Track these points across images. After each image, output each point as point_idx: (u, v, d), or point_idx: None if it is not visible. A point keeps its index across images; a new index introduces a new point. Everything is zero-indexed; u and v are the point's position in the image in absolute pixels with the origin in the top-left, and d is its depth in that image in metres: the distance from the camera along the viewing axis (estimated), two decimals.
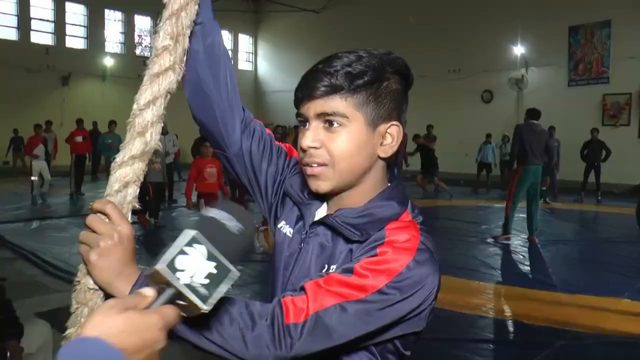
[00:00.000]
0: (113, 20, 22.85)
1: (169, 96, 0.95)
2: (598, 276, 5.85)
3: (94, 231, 0.86)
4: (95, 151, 15.16)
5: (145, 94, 0.94)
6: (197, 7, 0.96)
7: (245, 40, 27.40)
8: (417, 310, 0.91)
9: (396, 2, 20.36)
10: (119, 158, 0.93)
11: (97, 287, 0.89)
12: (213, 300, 0.71)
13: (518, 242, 7.58)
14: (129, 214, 0.94)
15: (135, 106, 0.95)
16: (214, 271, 0.71)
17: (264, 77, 26.89)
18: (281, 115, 20.58)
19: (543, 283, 5.55)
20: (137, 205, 0.95)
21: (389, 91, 1.00)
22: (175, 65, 0.94)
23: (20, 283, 5.26)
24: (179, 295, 0.70)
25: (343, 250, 0.99)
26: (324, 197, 1.06)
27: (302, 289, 0.90)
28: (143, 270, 0.88)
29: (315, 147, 0.98)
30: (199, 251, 0.71)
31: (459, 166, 16.59)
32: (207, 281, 0.71)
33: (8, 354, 2.30)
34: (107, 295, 0.89)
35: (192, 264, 0.70)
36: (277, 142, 1.19)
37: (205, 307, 0.70)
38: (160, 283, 0.71)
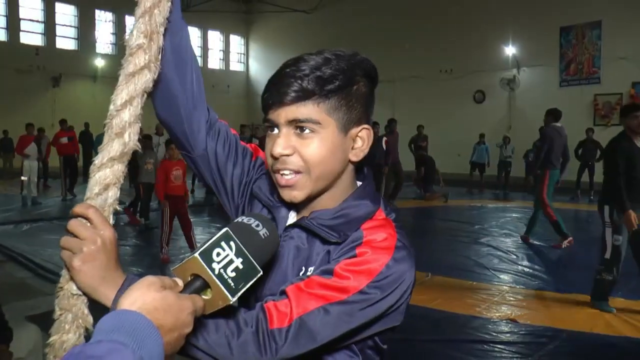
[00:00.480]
0: (104, 21, 22.74)
1: (145, 95, 0.93)
2: (592, 275, 5.84)
3: (75, 236, 0.84)
4: (88, 151, 15.01)
5: (122, 94, 0.92)
6: (170, 4, 0.93)
7: (236, 41, 27.35)
8: (395, 305, 0.93)
9: (387, 2, 20.37)
10: (97, 160, 0.91)
11: (80, 293, 0.87)
12: (239, 293, 0.77)
13: (512, 243, 7.59)
14: (111, 217, 0.91)
15: (112, 107, 0.93)
16: (241, 266, 0.78)
17: (256, 78, 26.85)
18: None
19: (537, 283, 5.56)
20: (119, 208, 0.92)
21: (359, 94, 0.99)
22: (150, 63, 0.91)
23: (10, 286, 5.21)
24: (205, 287, 0.76)
25: (320, 251, 0.99)
26: (296, 205, 1.04)
27: (284, 292, 0.90)
28: (128, 274, 0.87)
29: (287, 155, 0.95)
30: (231, 247, 0.77)
31: (451, 166, 16.60)
32: (234, 274, 0.77)
33: None
34: (91, 301, 0.87)
35: (224, 257, 0.77)
36: (242, 143, 1.17)
37: (232, 299, 0.76)
38: (191, 273, 0.76)
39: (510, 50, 17.93)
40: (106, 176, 0.90)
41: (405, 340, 3.97)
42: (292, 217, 1.06)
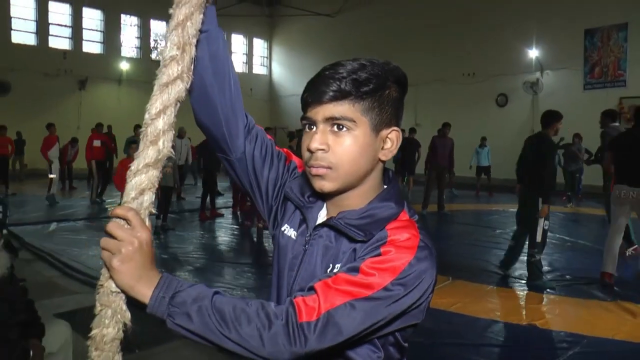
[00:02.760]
0: (129, 25, 23.11)
1: (178, 104, 0.98)
2: (615, 281, 5.79)
3: (114, 237, 0.90)
4: (114, 154, 15.12)
5: (156, 103, 0.97)
6: (202, 16, 0.99)
7: (259, 45, 27.55)
8: (417, 302, 0.98)
9: (410, 6, 20.36)
10: (134, 166, 0.97)
11: (119, 290, 0.94)
12: None
13: None
14: (147, 220, 0.97)
15: (147, 116, 0.98)
16: None
17: (279, 81, 27.01)
18: (295, 118, 20.65)
19: (559, 288, 5.51)
20: (154, 211, 0.99)
21: (391, 98, 1.06)
22: (183, 74, 0.97)
23: (39, 284, 5.33)
24: None
25: (346, 250, 1.05)
26: (324, 199, 1.12)
27: (312, 288, 0.95)
28: (163, 273, 0.93)
29: (322, 150, 1.03)
30: None
31: (473, 170, 16.48)
32: None
33: (31, 353, 2.35)
34: (129, 298, 0.94)
35: None
36: (277, 147, 1.24)
37: None
38: None
39: (533, 53, 17.77)
40: (142, 181, 0.96)
41: (426, 343, 4.00)
42: (322, 217, 1.13)
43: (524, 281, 5.72)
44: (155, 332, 4.12)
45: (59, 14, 21.05)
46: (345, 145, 1.02)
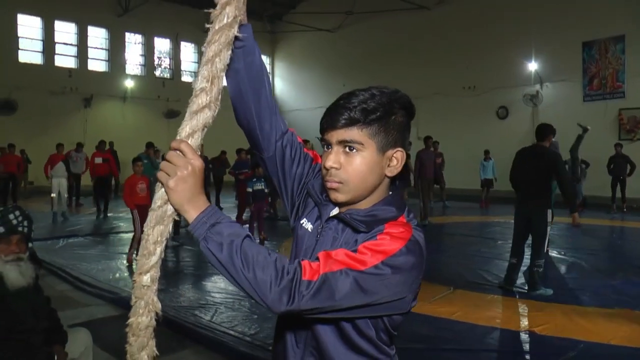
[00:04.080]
0: (133, 43, 23.40)
1: (205, 129, 1.16)
2: (612, 288, 5.92)
3: (172, 164, 1.10)
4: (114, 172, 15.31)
5: (186, 128, 1.14)
6: (230, 52, 1.16)
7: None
8: (402, 291, 1.15)
9: (410, 20, 20.62)
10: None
11: (149, 284, 1.13)
12: None
13: None
14: (170, 225, 1.16)
15: (177, 138, 1.14)
16: None
17: (281, 97, 27.24)
18: (298, 132, 20.70)
19: (558, 296, 5.62)
20: (176, 217, 1.16)
21: (396, 123, 1.25)
22: (211, 103, 1.14)
23: (52, 298, 5.48)
24: None
25: (350, 240, 1.24)
26: (338, 204, 1.30)
27: (317, 257, 1.13)
28: (212, 204, 1.13)
29: (335, 168, 1.22)
30: None
31: (475, 182, 16.62)
32: None
33: (55, 358, 2.51)
34: (178, 215, 1.14)
35: None
36: (305, 150, 1.44)
37: None
38: None
39: (532, 66, 17.97)
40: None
41: (428, 349, 4.15)
42: (336, 212, 1.32)
43: (523, 290, 5.85)
44: (166, 342, 4.30)
45: (65, 32, 21.37)
46: (355, 164, 1.21)
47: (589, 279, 6.51)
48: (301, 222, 1.38)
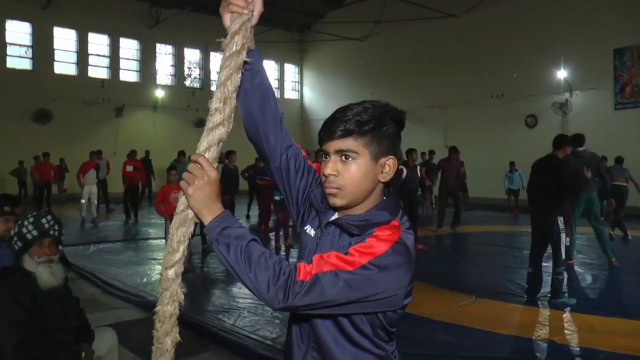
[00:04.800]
0: (164, 53, 23.90)
1: (220, 144, 1.33)
2: (634, 299, 5.85)
3: (192, 174, 1.26)
4: (148, 177, 15.67)
5: (203, 143, 1.31)
6: (240, 75, 1.33)
7: (291, 70, 28.11)
8: (391, 289, 1.25)
9: (438, 29, 20.59)
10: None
11: (174, 277, 1.30)
12: None
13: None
14: (192, 227, 1.33)
15: (197, 152, 1.32)
16: None
17: (309, 105, 27.44)
18: None
19: (580, 306, 5.57)
20: (196, 220, 1.32)
21: (387, 134, 1.36)
22: (224, 121, 1.31)
23: (81, 300, 5.66)
24: None
25: (345, 244, 1.35)
26: (336, 210, 1.42)
27: (311, 260, 1.24)
28: (226, 210, 1.28)
29: (333, 175, 1.34)
30: None
31: (502, 191, 16.47)
32: None
33: (83, 355, 2.64)
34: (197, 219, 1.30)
35: None
36: (309, 162, 1.57)
37: None
38: None
39: (562, 74, 17.76)
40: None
41: (446, 356, 4.18)
42: (333, 219, 1.43)
43: (545, 299, 5.82)
44: (190, 344, 4.42)
45: (98, 44, 21.96)
46: (351, 172, 1.33)
47: (616, 289, 6.43)
48: (305, 228, 1.51)
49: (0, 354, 2.47)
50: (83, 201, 12.63)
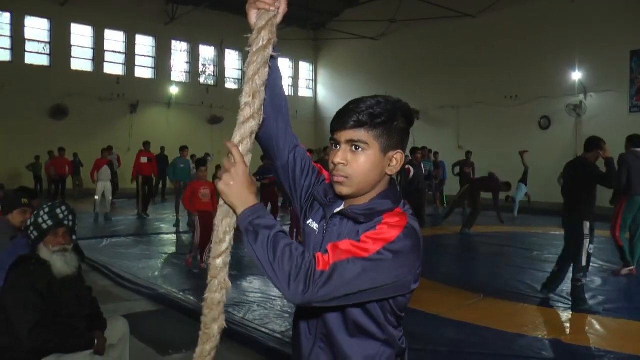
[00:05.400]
0: (179, 50, 24.06)
1: (253, 135, 1.39)
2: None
3: (224, 169, 1.32)
4: (163, 172, 15.75)
5: (237, 136, 1.37)
6: (267, 70, 1.38)
7: (305, 68, 28.16)
8: (403, 273, 1.30)
9: (453, 28, 20.52)
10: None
11: (222, 265, 1.37)
12: None
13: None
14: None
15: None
16: None
17: (323, 103, 27.46)
18: None
19: (588, 307, 5.54)
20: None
21: (398, 129, 1.41)
22: (255, 114, 1.37)
23: (94, 292, 5.77)
24: None
25: (352, 231, 1.39)
26: (342, 199, 1.47)
27: (326, 250, 1.28)
28: (259, 202, 1.33)
29: (342, 164, 1.38)
30: None
31: (514, 193, 16.38)
32: None
33: (95, 342, 2.72)
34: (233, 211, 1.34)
35: None
36: (313, 163, 1.62)
37: None
38: None
39: (576, 76, 17.64)
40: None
41: (453, 352, 4.22)
42: (337, 210, 1.48)
43: (555, 299, 5.83)
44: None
45: (114, 41, 22.18)
46: (360, 162, 1.37)
47: (625, 293, 6.41)
48: (307, 222, 1.56)
49: (16, 338, 2.55)
50: (97, 197, 12.81)
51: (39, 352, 2.59)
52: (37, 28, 20.54)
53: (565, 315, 5.34)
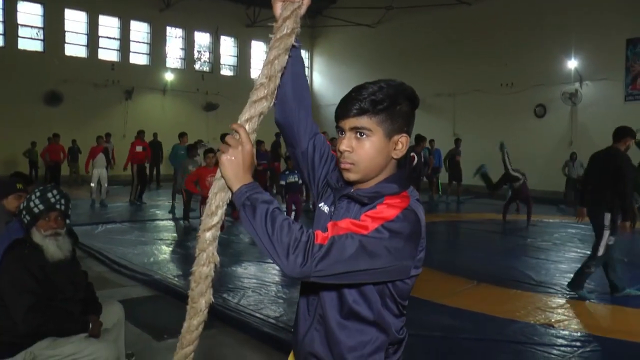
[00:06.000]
0: (174, 37, 23.90)
1: (262, 116, 1.41)
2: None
3: (227, 144, 1.33)
4: (156, 159, 15.69)
5: (245, 114, 1.39)
6: (287, 57, 1.42)
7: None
8: (401, 257, 1.30)
9: (450, 16, 20.45)
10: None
11: (212, 239, 1.37)
12: None
13: (562, 255, 7.65)
14: (230, 194, 1.38)
15: (238, 122, 1.39)
16: None
17: (319, 91, 27.35)
18: (334, 127, 20.91)
19: (586, 296, 5.63)
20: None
21: (401, 112, 1.43)
22: (267, 96, 1.39)
23: (90, 278, 5.79)
24: None
25: (358, 214, 1.40)
26: (351, 185, 1.49)
27: (326, 227, 1.30)
28: (254, 182, 1.34)
29: (348, 151, 1.41)
30: None
31: None
32: None
33: (90, 326, 2.73)
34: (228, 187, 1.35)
35: None
36: (332, 151, 1.64)
37: None
38: None
39: (572, 64, 17.63)
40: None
41: (446, 338, 4.26)
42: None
43: (547, 285, 5.88)
44: None
45: (108, 27, 22.00)
46: (365, 148, 1.39)
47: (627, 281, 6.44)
48: (320, 205, 1.58)
49: (12, 320, 2.56)
50: (93, 184, 12.81)
51: (33, 335, 2.61)
52: (30, 13, 20.34)
53: (557, 301, 5.38)
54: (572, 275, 5.68)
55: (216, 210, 1.38)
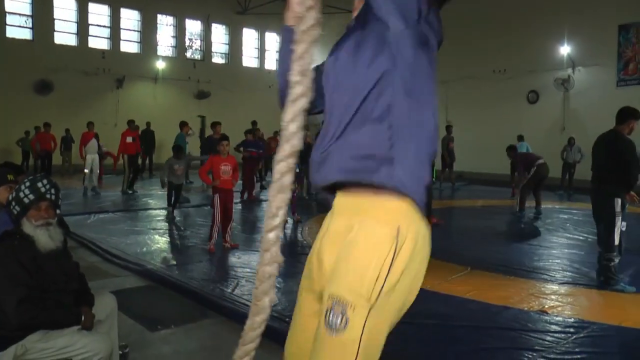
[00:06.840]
0: (165, 24, 23.71)
1: (305, 114, 1.40)
2: (627, 273, 5.90)
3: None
4: (149, 148, 15.52)
5: (289, 113, 1.38)
6: (314, 49, 1.43)
7: None
8: None
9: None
10: (278, 157, 1.41)
11: (274, 240, 1.39)
12: None
13: (556, 241, 7.69)
14: (289, 192, 1.42)
15: (283, 123, 1.39)
16: None
17: None
18: None
19: (574, 279, 5.67)
20: (293, 186, 1.43)
21: None
22: (305, 92, 1.39)
23: (82, 268, 5.74)
24: None
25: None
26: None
27: None
28: None
29: None
30: None
31: (504, 167, 16.48)
32: None
33: (82, 318, 2.71)
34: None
35: None
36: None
37: None
38: None
39: (565, 50, 17.65)
40: (283, 167, 1.40)
41: (440, 325, 4.26)
42: None
43: (540, 272, 5.90)
44: (189, 312, 4.51)
45: (98, 15, 21.78)
46: None
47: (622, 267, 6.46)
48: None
49: (3, 312, 2.53)
50: (86, 170, 12.78)
51: (25, 327, 2.58)
52: (18, 1, 20.11)
53: (551, 287, 5.40)
54: (565, 262, 5.69)
55: (277, 212, 1.39)
